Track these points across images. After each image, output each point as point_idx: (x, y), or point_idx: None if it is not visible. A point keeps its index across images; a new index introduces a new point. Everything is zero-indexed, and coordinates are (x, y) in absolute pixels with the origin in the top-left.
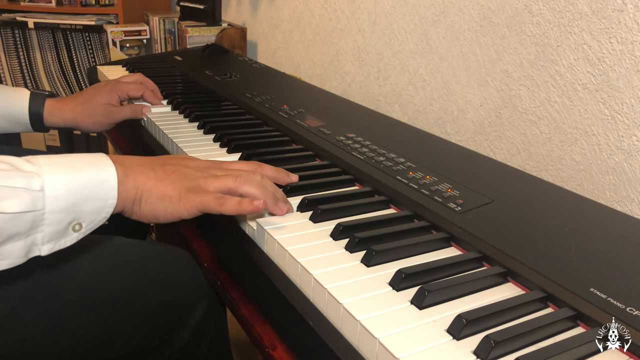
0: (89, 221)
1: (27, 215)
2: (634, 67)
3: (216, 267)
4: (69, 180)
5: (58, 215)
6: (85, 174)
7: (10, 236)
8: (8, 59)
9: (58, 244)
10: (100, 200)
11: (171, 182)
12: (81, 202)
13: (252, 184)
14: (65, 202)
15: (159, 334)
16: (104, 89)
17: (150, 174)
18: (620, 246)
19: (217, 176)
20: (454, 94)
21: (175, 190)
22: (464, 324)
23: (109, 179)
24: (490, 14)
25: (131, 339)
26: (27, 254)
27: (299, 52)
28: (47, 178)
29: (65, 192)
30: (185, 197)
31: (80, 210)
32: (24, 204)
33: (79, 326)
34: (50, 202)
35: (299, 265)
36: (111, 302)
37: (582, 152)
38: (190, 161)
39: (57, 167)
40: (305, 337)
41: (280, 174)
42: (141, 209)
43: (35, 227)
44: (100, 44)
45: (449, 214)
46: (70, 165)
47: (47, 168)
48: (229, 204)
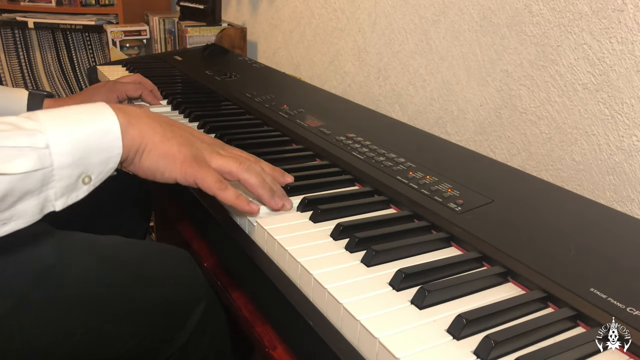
0: (98, 172)
1: (36, 174)
2: (634, 67)
3: (216, 267)
4: (72, 134)
5: (67, 170)
6: (88, 125)
7: (23, 195)
8: (8, 59)
9: (70, 198)
10: (106, 150)
11: (177, 144)
12: (87, 154)
13: (253, 173)
14: (72, 157)
15: (159, 334)
16: (102, 90)
17: (157, 129)
18: (620, 246)
19: (221, 154)
20: (454, 94)
21: (181, 152)
22: (464, 324)
23: (111, 128)
24: (490, 14)
25: (131, 338)
26: (42, 211)
27: (299, 52)
28: (51, 134)
29: (70, 146)
30: (189, 163)
31: (88, 163)
32: (32, 163)
33: (78, 326)
34: (57, 158)
35: (298, 265)
36: (111, 301)
37: (582, 152)
38: (196, 132)
39: (59, 121)
40: (305, 337)
41: (276, 173)
42: (142, 161)
43: (46, 183)
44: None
45: (449, 214)
46: (72, 119)
47: (48, 124)
48: (228, 193)
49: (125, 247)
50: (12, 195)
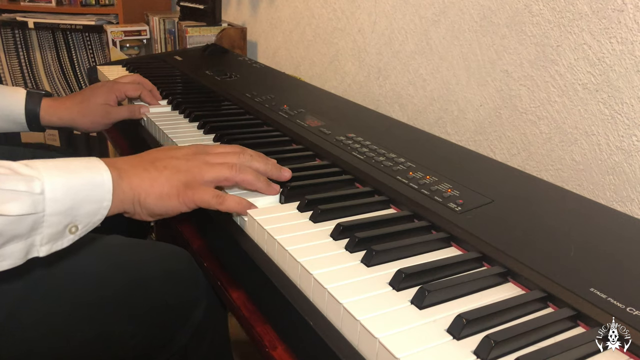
0: (85, 223)
1: (28, 218)
2: (634, 67)
3: (216, 267)
4: (67, 183)
5: (57, 218)
6: (82, 177)
7: (12, 238)
8: (8, 59)
9: (55, 246)
10: (96, 202)
11: (166, 180)
12: (78, 204)
13: (247, 171)
14: (63, 205)
15: (159, 334)
16: (101, 89)
17: (144, 175)
18: (620, 246)
19: (212, 165)
20: (454, 94)
21: (173, 187)
22: (464, 324)
23: (104, 182)
24: (490, 14)
25: (131, 339)
26: (27, 255)
27: (299, 52)
28: (47, 181)
29: (63, 195)
30: (184, 193)
31: (77, 213)
32: (26, 207)
33: (78, 327)
34: (50, 205)
35: (298, 265)
36: (111, 302)
37: (582, 152)
38: (177, 151)
39: (55, 171)
40: (305, 337)
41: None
42: (142, 210)
43: (35, 229)
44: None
45: (449, 214)
46: (67, 169)
47: (45, 172)
48: (228, 204)
49: (125, 247)
50: (1, 237)
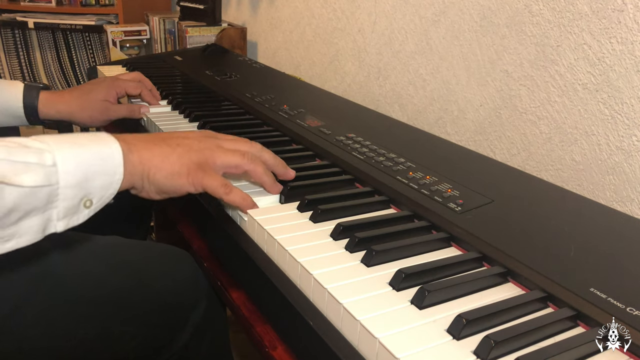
0: (99, 197)
1: (42, 190)
2: (634, 67)
3: (216, 267)
4: (77, 155)
5: (71, 191)
6: (92, 149)
7: (28, 212)
8: (8, 59)
9: (72, 221)
10: (108, 175)
11: (178, 157)
12: (91, 177)
13: (258, 162)
14: (76, 177)
15: (159, 335)
16: (102, 85)
17: (155, 150)
18: (620, 246)
19: (224, 150)
20: (454, 94)
21: (184, 166)
22: (464, 324)
23: (114, 154)
24: (490, 14)
25: (131, 339)
26: (44, 231)
27: (299, 52)
28: (58, 154)
29: (75, 167)
30: (195, 173)
31: (91, 186)
32: (40, 179)
33: (78, 327)
34: (63, 177)
35: (298, 265)
36: (110, 302)
37: (582, 152)
38: (190, 133)
39: (65, 144)
40: (305, 337)
41: (279, 168)
42: (150, 186)
43: (51, 202)
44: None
45: (449, 214)
46: (76, 143)
47: (55, 145)
48: (234, 196)
49: (125, 248)
50: (17, 210)
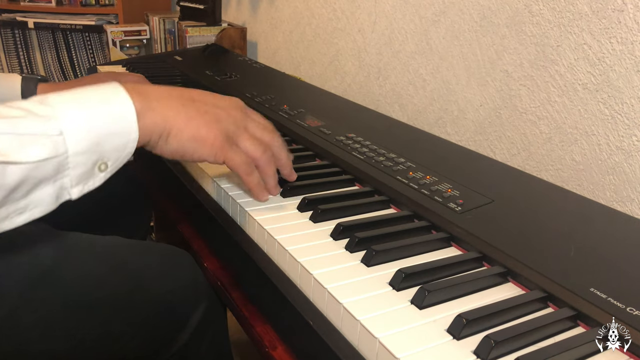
0: (115, 159)
1: (51, 161)
2: (634, 67)
3: (216, 267)
4: (87, 119)
5: (82, 157)
6: (103, 109)
7: (37, 183)
8: (8, 59)
9: (87, 186)
10: (122, 135)
11: (205, 124)
12: (103, 139)
13: (271, 165)
14: (87, 143)
15: (159, 335)
16: (102, 79)
17: (182, 110)
18: (620, 246)
19: (251, 135)
20: (454, 94)
21: (210, 133)
22: (464, 323)
23: (126, 114)
24: (490, 14)
25: (130, 340)
26: (58, 199)
27: (299, 52)
28: (64, 120)
29: (85, 132)
30: (220, 144)
31: (104, 149)
32: (46, 151)
33: (77, 327)
34: (72, 145)
35: (299, 265)
36: (110, 303)
37: (582, 152)
38: (220, 100)
39: (73, 105)
40: (305, 337)
41: (287, 169)
42: (168, 145)
43: (62, 171)
44: (100, 44)
45: (449, 214)
46: (85, 103)
47: (61, 108)
48: (252, 178)
49: (125, 248)
50: (26, 183)
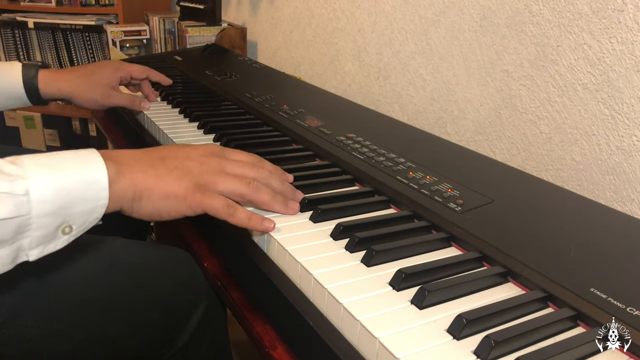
0: (80, 223)
1: (11, 222)
2: (634, 67)
3: (216, 267)
4: (55, 182)
5: (45, 219)
6: (74, 174)
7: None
8: (8, 59)
9: (47, 248)
10: (91, 201)
11: (175, 179)
12: (70, 204)
13: (264, 191)
14: (52, 205)
15: (159, 336)
16: (107, 68)
17: (150, 172)
18: (620, 246)
19: (227, 175)
20: (454, 94)
21: (181, 187)
22: (464, 323)
23: (98, 179)
24: (490, 14)
25: (130, 340)
26: (14, 260)
27: (299, 52)
28: (32, 181)
29: (52, 194)
30: (193, 196)
31: (70, 213)
32: (7, 210)
33: (77, 327)
34: (36, 206)
35: (299, 265)
36: (110, 303)
37: (582, 152)
38: (192, 151)
39: (43, 169)
40: (305, 337)
41: (278, 172)
42: (142, 208)
43: (21, 232)
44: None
45: (449, 214)
46: (57, 166)
47: (32, 170)
48: (239, 216)
49: (125, 248)
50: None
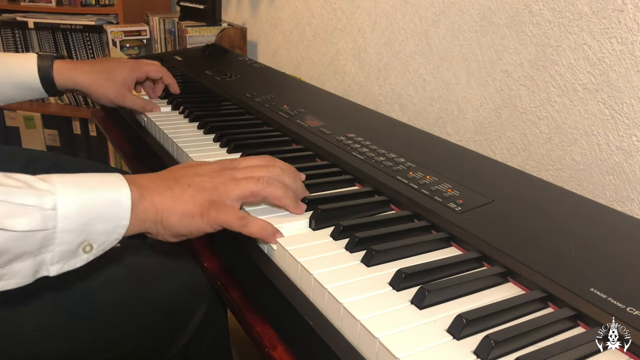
0: (100, 242)
1: (37, 234)
2: (634, 67)
3: (216, 267)
4: (81, 199)
5: (69, 235)
6: (99, 193)
7: (19, 255)
8: None
9: (67, 265)
10: (112, 220)
11: (190, 198)
12: (93, 222)
13: (275, 185)
14: (76, 222)
15: (160, 336)
16: (125, 66)
17: (167, 193)
18: (620, 246)
19: (238, 180)
20: (454, 94)
21: (196, 205)
22: (464, 323)
23: (122, 200)
24: (490, 14)
25: (131, 340)
26: (35, 274)
27: (299, 52)
28: (60, 197)
29: (77, 211)
30: (207, 213)
31: (92, 231)
32: (35, 223)
33: (78, 328)
34: (61, 221)
35: (299, 265)
36: (111, 303)
37: (582, 152)
38: (202, 167)
39: (71, 186)
40: (305, 337)
41: (292, 170)
42: (166, 230)
43: (45, 246)
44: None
45: (449, 214)
46: (84, 185)
47: (60, 187)
48: (252, 227)
49: (126, 249)
50: (9, 252)
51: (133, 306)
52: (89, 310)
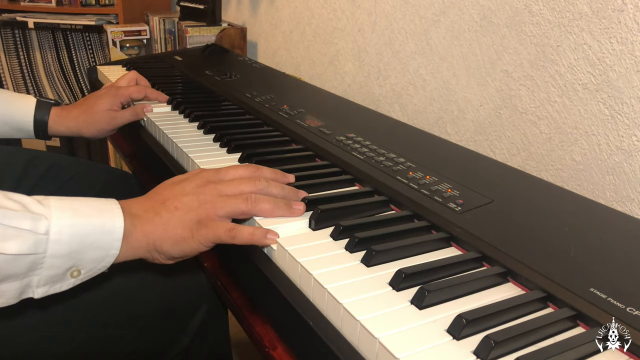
0: (88, 269)
1: (27, 258)
2: (634, 67)
3: (216, 267)
4: (75, 226)
5: (58, 260)
6: (92, 221)
7: (6, 277)
8: (8, 59)
9: (53, 288)
10: (103, 249)
11: (179, 222)
12: (83, 249)
13: (263, 200)
14: (67, 248)
15: (160, 338)
16: (105, 96)
17: (156, 220)
18: (620, 246)
19: (226, 198)
20: (454, 94)
21: (186, 229)
22: (464, 324)
23: (114, 230)
24: (490, 14)
25: (132, 342)
26: (20, 295)
27: (299, 52)
28: (54, 221)
29: (69, 237)
30: (198, 233)
31: (81, 257)
32: (26, 247)
33: (78, 329)
34: (52, 246)
35: (299, 265)
36: (111, 305)
37: (582, 152)
38: (188, 183)
39: (67, 212)
40: (305, 337)
41: (278, 175)
42: (160, 255)
43: (33, 269)
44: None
45: (449, 214)
46: (80, 211)
47: (56, 212)
48: (242, 236)
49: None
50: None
51: (132, 308)
52: (87, 312)
